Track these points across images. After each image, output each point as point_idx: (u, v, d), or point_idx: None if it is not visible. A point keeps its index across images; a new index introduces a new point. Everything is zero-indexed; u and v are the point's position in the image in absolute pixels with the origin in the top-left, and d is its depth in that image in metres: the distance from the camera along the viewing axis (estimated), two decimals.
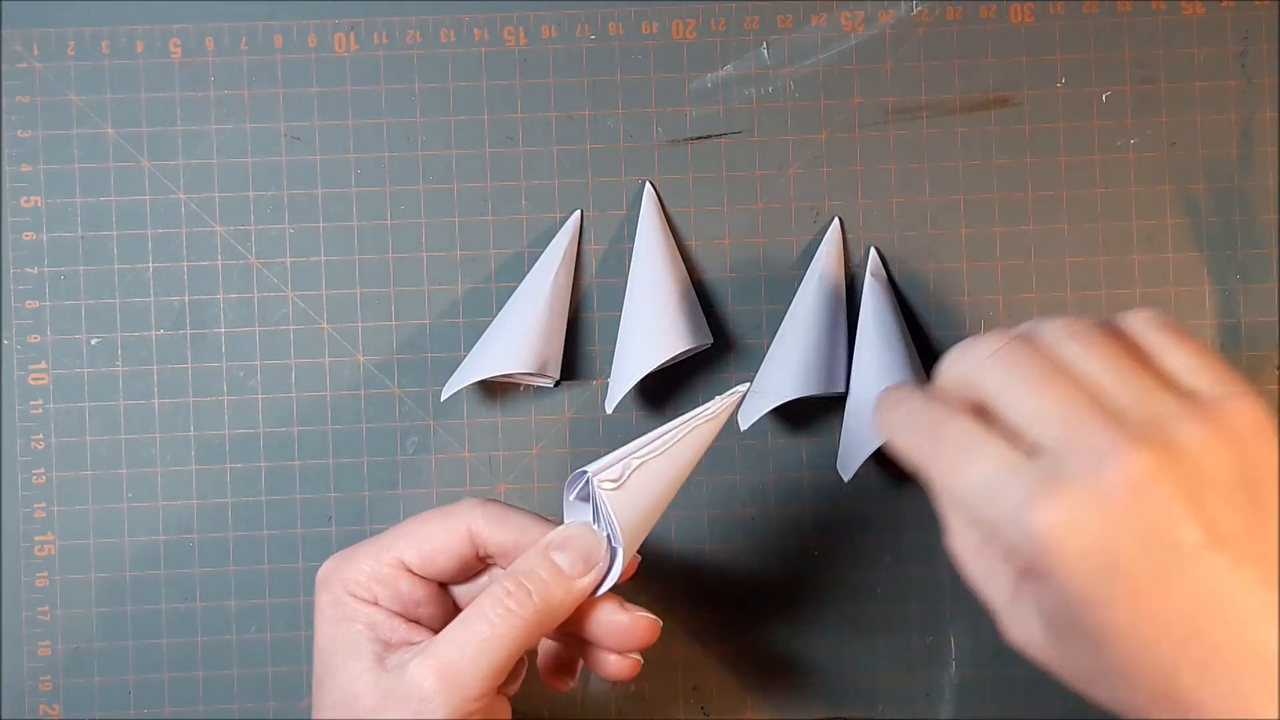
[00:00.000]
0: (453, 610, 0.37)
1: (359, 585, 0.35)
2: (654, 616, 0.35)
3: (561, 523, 0.35)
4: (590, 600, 0.35)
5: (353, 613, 0.34)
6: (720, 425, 0.35)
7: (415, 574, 0.35)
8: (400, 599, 0.35)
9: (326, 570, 0.35)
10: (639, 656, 0.36)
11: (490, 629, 0.33)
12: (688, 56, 0.45)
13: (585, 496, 0.35)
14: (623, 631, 0.35)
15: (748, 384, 0.36)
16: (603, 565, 0.34)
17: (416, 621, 0.35)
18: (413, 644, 0.34)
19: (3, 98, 0.45)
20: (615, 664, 0.36)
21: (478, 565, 0.36)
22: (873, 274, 0.44)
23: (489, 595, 0.33)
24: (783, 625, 0.45)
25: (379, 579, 0.35)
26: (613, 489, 0.34)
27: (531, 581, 0.33)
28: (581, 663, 0.38)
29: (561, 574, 0.34)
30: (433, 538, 0.35)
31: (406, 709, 0.32)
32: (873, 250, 0.44)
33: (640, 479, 0.34)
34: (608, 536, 0.34)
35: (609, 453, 0.35)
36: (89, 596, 0.45)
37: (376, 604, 0.35)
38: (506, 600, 0.33)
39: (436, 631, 0.34)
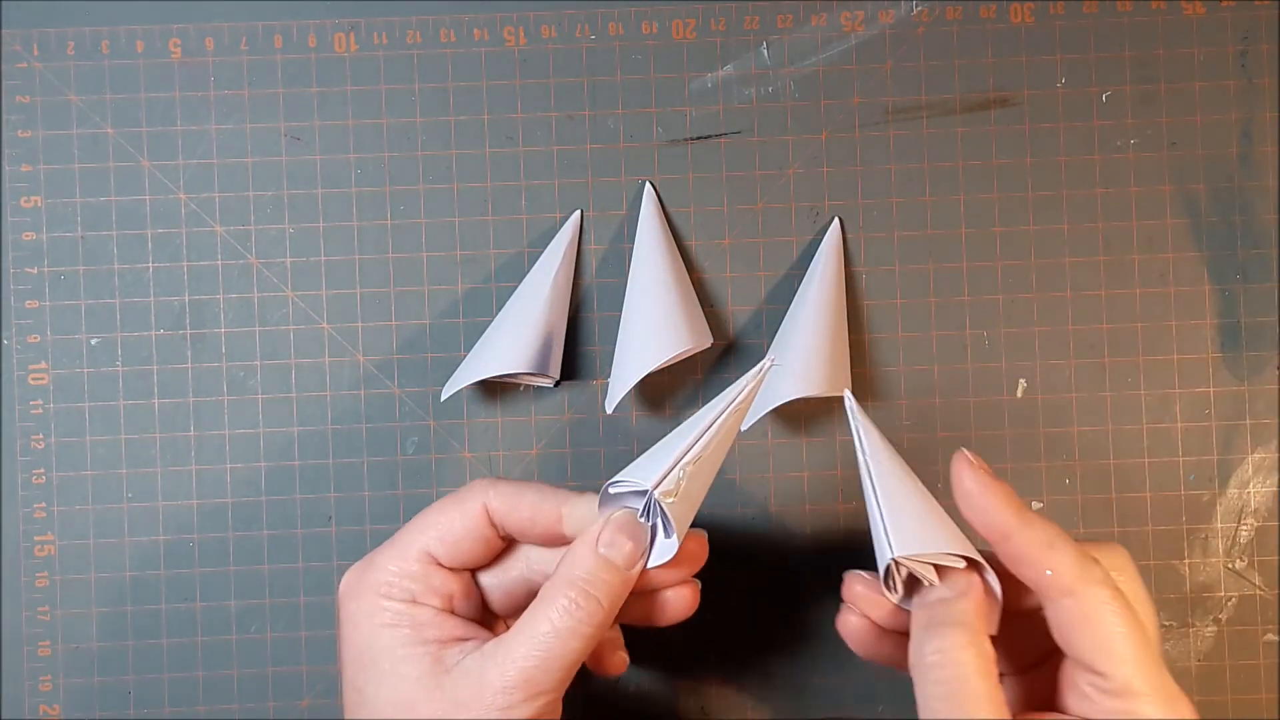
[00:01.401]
0: (482, 602, 0.37)
1: (392, 587, 0.34)
2: (698, 530, 0.36)
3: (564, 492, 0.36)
4: None
5: (394, 617, 0.34)
6: (750, 403, 0.35)
7: (443, 566, 0.35)
8: (436, 593, 0.35)
9: (349, 582, 0.35)
10: (696, 581, 0.36)
11: (563, 644, 0.33)
12: (688, 56, 0.45)
13: (632, 490, 0.35)
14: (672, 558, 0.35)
15: (772, 358, 0.36)
16: (647, 546, 0.35)
17: (453, 614, 0.35)
18: (463, 640, 0.34)
19: (3, 98, 0.45)
20: (674, 600, 0.36)
21: (501, 545, 0.36)
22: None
23: (555, 607, 0.33)
24: (783, 625, 0.45)
25: (410, 576, 0.35)
26: (673, 501, 0.34)
27: (596, 588, 0.33)
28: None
29: (618, 570, 0.34)
30: (453, 525, 0.35)
31: (487, 713, 0.32)
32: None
33: (693, 480, 0.34)
34: (655, 525, 0.35)
35: (650, 452, 0.35)
36: (89, 596, 0.45)
37: (415, 602, 0.34)
38: (576, 613, 0.33)
39: (479, 623, 0.35)
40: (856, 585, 0.36)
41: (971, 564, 0.33)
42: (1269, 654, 0.45)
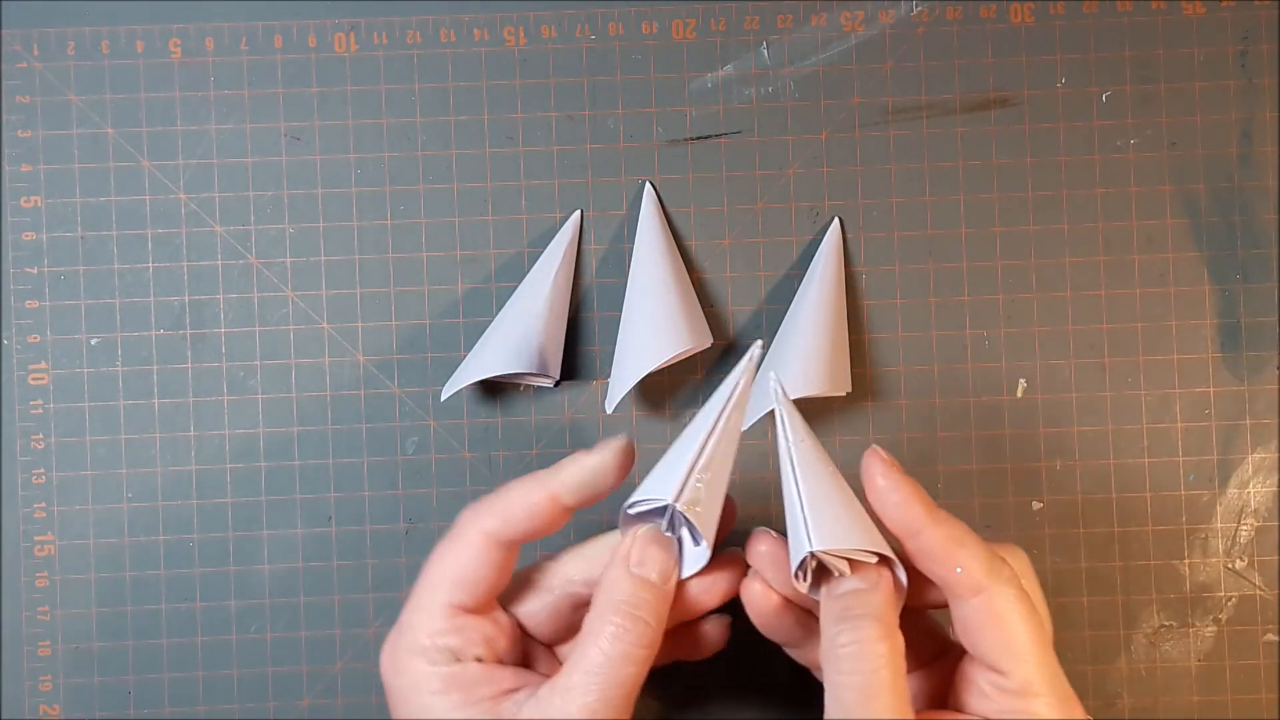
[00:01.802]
0: (520, 634, 0.36)
1: (430, 650, 0.34)
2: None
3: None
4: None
5: (442, 683, 0.33)
6: (748, 394, 0.35)
7: (473, 611, 0.34)
8: (476, 642, 0.34)
9: (388, 657, 0.34)
10: (739, 551, 0.36)
11: (619, 670, 0.32)
12: (688, 56, 0.45)
13: (652, 508, 0.35)
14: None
15: (760, 340, 0.35)
16: (678, 557, 0.35)
17: (501, 661, 0.34)
18: (515, 690, 0.33)
19: (3, 98, 0.45)
20: (717, 581, 0.35)
21: (514, 561, 0.36)
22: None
23: (603, 635, 0.33)
24: None
25: (443, 633, 0.34)
26: (699, 510, 0.34)
27: (640, 609, 0.33)
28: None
29: (656, 586, 0.34)
30: (463, 567, 0.34)
31: None
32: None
33: (710, 485, 0.34)
34: (681, 536, 0.35)
35: (660, 465, 0.35)
36: (89, 596, 0.45)
37: (459, 660, 0.34)
38: (626, 636, 0.33)
39: (526, 665, 0.34)
40: (761, 544, 0.35)
41: (881, 559, 0.33)
42: (1269, 654, 0.45)
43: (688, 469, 0.34)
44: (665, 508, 0.34)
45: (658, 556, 0.34)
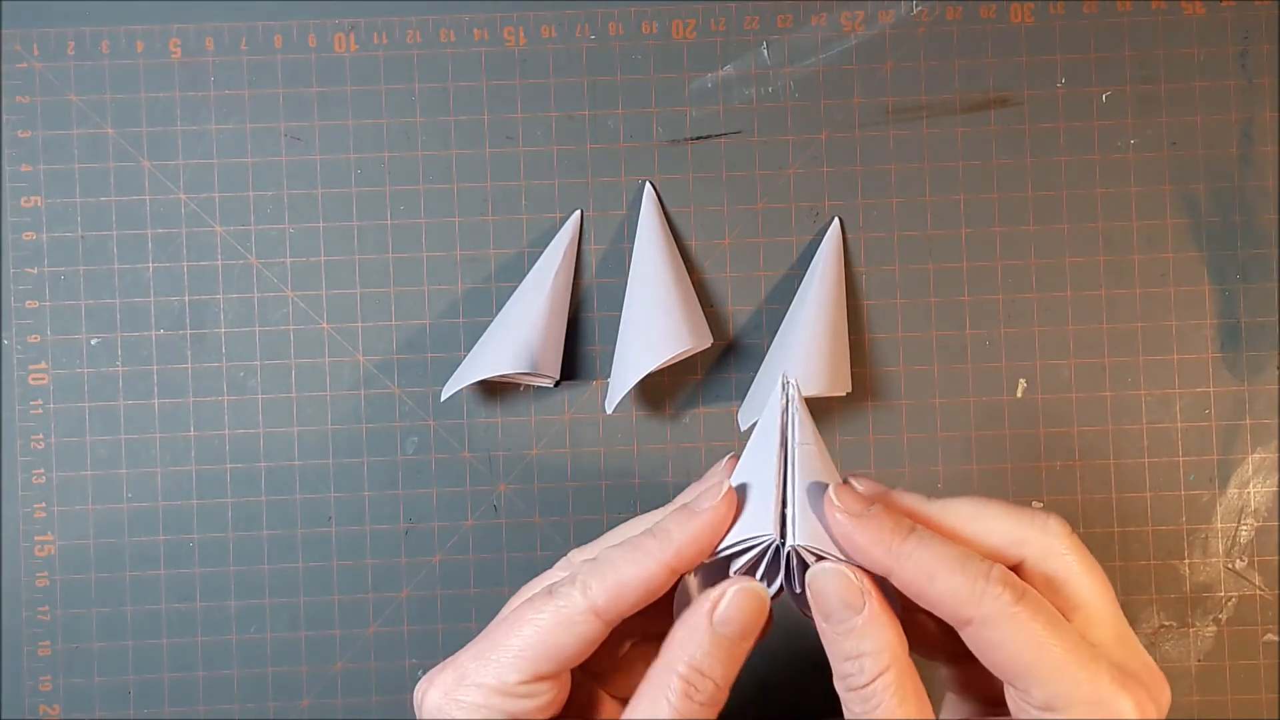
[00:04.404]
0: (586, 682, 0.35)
1: (491, 709, 0.31)
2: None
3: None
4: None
5: None
6: (794, 420, 0.34)
7: (550, 678, 0.32)
8: (543, 708, 0.32)
9: (441, 701, 0.32)
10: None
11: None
12: (688, 56, 0.45)
13: (748, 548, 0.33)
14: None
15: (784, 374, 0.34)
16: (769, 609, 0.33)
17: (556, 711, 0.32)
18: None
19: (3, 98, 0.45)
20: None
21: (607, 634, 0.33)
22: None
23: (671, 690, 0.31)
24: (783, 623, 0.45)
25: (516, 695, 0.31)
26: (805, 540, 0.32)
27: (717, 671, 0.31)
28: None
29: (735, 643, 0.32)
30: (562, 640, 0.31)
31: None
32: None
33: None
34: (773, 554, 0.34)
35: (750, 513, 0.33)
36: (89, 596, 0.45)
37: (515, 717, 0.31)
38: (696, 697, 0.31)
39: (572, 699, 0.33)
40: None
41: None
42: (1269, 654, 0.45)
43: (777, 504, 0.32)
44: (748, 548, 0.32)
45: (748, 616, 0.31)
